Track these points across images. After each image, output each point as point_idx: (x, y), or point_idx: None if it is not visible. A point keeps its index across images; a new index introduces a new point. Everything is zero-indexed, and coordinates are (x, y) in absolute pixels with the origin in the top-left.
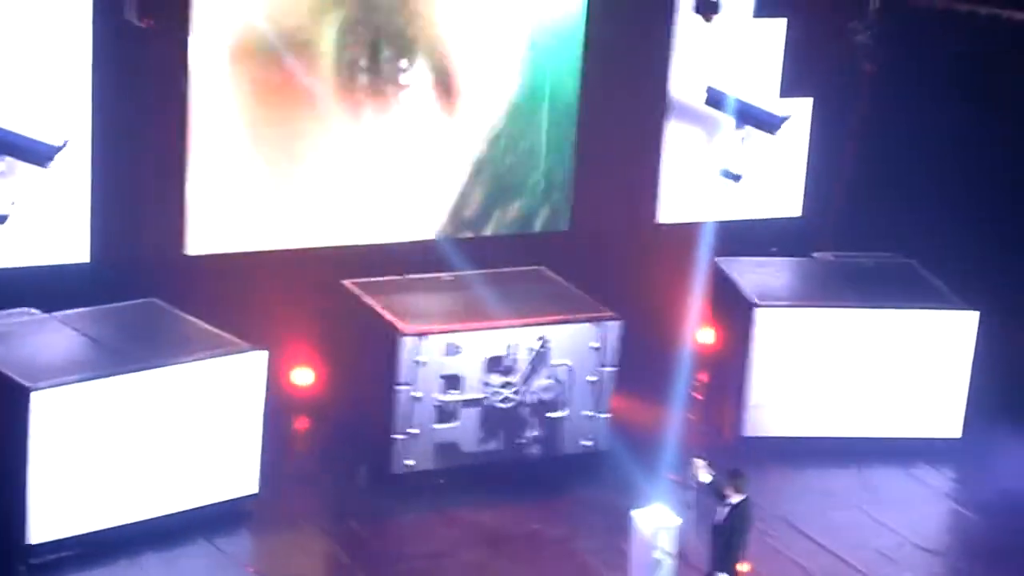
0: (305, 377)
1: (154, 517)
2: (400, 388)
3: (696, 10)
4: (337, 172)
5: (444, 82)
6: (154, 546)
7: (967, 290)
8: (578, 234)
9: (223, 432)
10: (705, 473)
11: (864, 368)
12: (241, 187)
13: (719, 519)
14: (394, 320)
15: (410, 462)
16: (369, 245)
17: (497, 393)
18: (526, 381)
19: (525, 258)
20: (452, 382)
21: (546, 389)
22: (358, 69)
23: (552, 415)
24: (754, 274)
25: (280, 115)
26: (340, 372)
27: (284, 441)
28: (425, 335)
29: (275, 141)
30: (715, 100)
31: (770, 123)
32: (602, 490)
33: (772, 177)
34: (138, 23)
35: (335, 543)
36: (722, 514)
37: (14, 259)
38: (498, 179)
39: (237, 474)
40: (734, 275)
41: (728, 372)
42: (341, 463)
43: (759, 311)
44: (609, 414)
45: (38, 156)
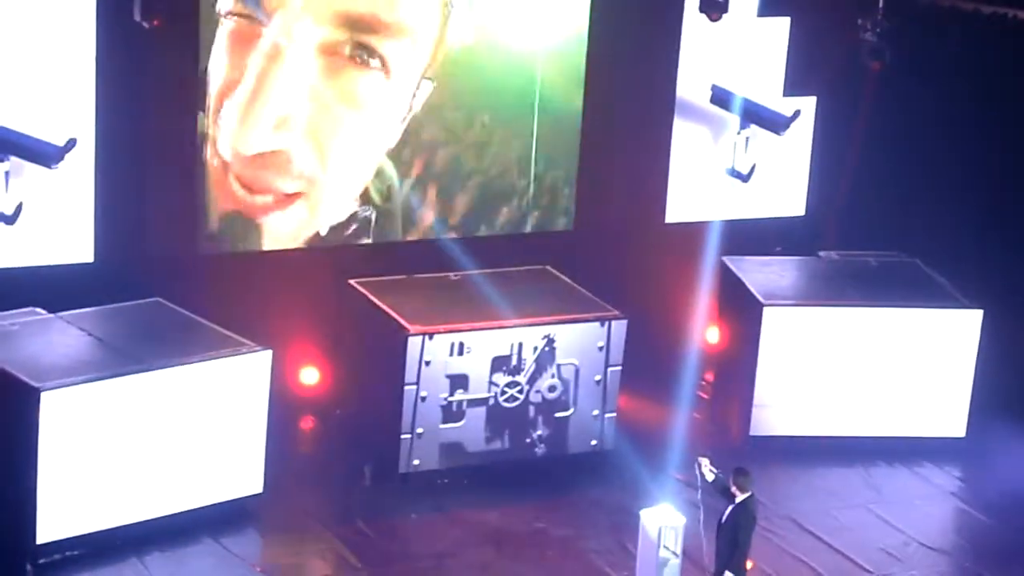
0: (311, 377)
1: (161, 516)
2: (406, 388)
3: (701, 9)
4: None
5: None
6: (161, 545)
7: (971, 289)
8: (584, 233)
9: (229, 431)
10: (709, 472)
11: (869, 367)
12: None
13: (723, 518)
14: (401, 320)
15: (416, 462)
16: (377, 244)
17: (503, 393)
18: (532, 381)
19: (531, 258)
20: (458, 382)
21: (552, 388)
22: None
23: (558, 415)
24: (760, 273)
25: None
26: (346, 372)
27: (290, 441)
28: (431, 335)
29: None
30: (720, 99)
31: (777, 122)
32: (608, 489)
33: (777, 176)
34: (145, 23)
35: (341, 542)
36: (726, 512)
37: (19, 259)
38: (485, 187)
39: (243, 474)
40: (741, 274)
41: (735, 371)
42: (347, 463)
43: (767, 310)
44: (615, 413)
45: (44, 157)
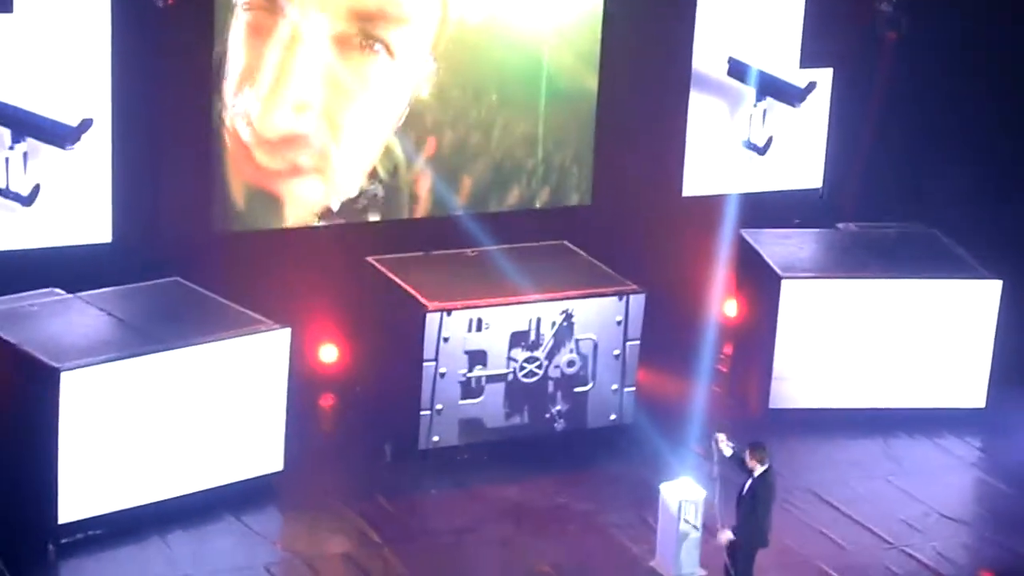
0: (330, 354)
1: (182, 495)
2: (425, 364)
3: None
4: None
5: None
6: (183, 523)
7: (990, 259)
8: (602, 208)
9: (249, 410)
10: (727, 446)
11: (888, 339)
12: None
13: (743, 490)
14: (419, 296)
15: (436, 438)
16: (392, 221)
17: (522, 368)
18: (551, 356)
19: (548, 234)
20: (477, 357)
21: (571, 363)
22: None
23: (577, 389)
24: (779, 246)
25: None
26: (365, 349)
27: (310, 418)
28: (449, 311)
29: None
30: (737, 71)
31: (792, 94)
32: (628, 464)
33: (793, 148)
34: (160, 3)
35: (362, 519)
36: (746, 486)
37: (38, 240)
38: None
39: (263, 452)
40: (759, 247)
41: (753, 344)
42: (367, 440)
43: (785, 283)
44: (634, 387)
45: (59, 138)
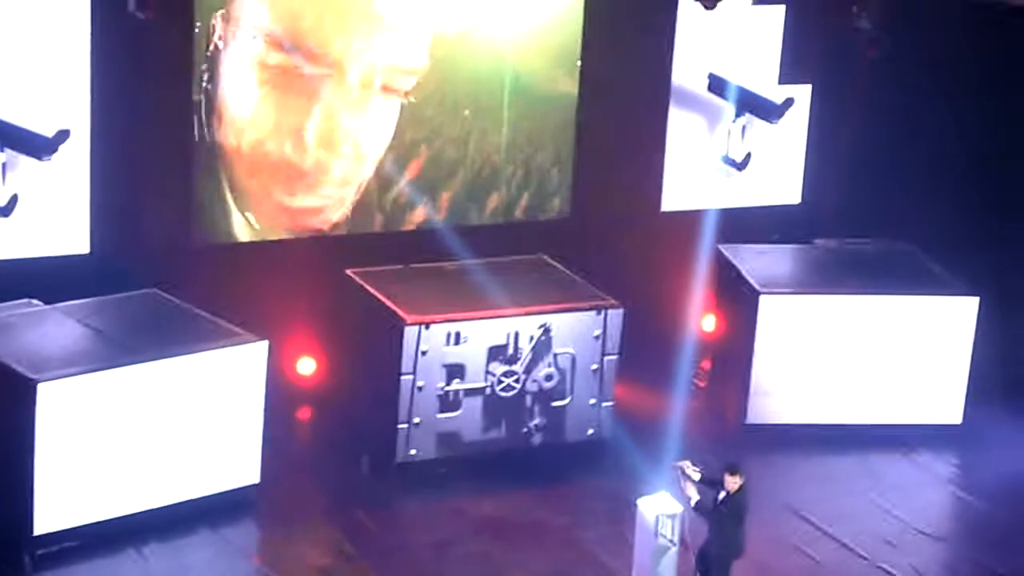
0: (308, 367)
1: (158, 507)
2: (403, 377)
3: None
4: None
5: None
6: (159, 536)
7: (967, 276)
8: (580, 222)
9: (226, 422)
10: (694, 471)
11: (866, 355)
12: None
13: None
14: (398, 309)
15: (413, 451)
16: (371, 234)
17: (499, 382)
18: (529, 370)
19: (526, 247)
20: (455, 371)
21: (549, 377)
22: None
23: (555, 403)
24: (757, 261)
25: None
26: (343, 362)
27: (288, 431)
28: (428, 324)
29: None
30: (716, 87)
31: (769, 110)
32: (605, 478)
33: (772, 164)
34: (140, 15)
35: (339, 532)
36: (718, 497)
37: (15, 251)
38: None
39: (240, 464)
40: (737, 262)
41: (731, 359)
42: (344, 452)
43: (763, 298)
44: (612, 402)
45: (35, 149)
